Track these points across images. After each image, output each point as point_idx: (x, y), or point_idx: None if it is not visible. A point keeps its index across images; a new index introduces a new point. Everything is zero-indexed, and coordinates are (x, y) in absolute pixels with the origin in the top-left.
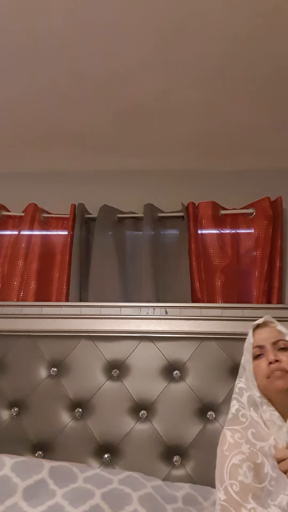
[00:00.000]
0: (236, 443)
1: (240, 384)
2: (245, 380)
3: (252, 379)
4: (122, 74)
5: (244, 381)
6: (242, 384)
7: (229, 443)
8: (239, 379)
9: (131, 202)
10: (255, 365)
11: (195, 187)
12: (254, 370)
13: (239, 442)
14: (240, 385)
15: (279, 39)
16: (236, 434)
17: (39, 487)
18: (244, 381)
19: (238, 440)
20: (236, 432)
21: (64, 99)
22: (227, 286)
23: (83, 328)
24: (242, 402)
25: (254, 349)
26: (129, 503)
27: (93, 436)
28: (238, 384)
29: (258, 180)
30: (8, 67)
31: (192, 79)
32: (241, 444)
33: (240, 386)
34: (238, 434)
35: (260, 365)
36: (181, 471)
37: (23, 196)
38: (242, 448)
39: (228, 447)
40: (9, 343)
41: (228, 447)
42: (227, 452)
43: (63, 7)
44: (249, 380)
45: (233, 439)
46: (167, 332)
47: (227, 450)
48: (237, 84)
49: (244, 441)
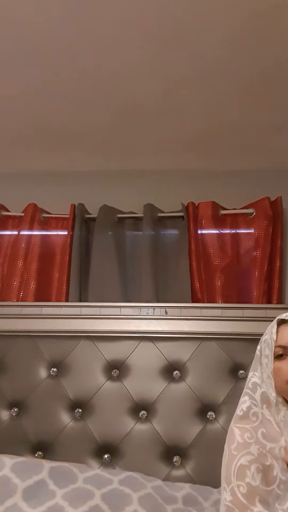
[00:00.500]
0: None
1: (254, 378)
2: (260, 375)
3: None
4: (122, 74)
5: (259, 375)
6: (256, 379)
7: (238, 442)
8: (253, 373)
9: (131, 202)
10: (277, 366)
11: (195, 187)
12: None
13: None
14: (254, 379)
15: (279, 39)
16: (245, 433)
17: (39, 487)
18: (258, 376)
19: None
20: (246, 432)
21: (64, 99)
22: (227, 286)
23: (83, 328)
24: (255, 398)
25: (276, 348)
26: (129, 504)
27: (93, 436)
28: (252, 379)
29: (258, 180)
30: (8, 67)
31: (192, 79)
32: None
33: (254, 381)
34: (248, 434)
35: (282, 368)
36: (181, 471)
37: (23, 196)
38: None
39: (236, 446)
40: (9, 343)
41: (236, 447)
42: (235, 451)
43: (64, 7)
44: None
45: (242, 439)
46: (167, 332)
47: (235, 450)
48: (237, 84)
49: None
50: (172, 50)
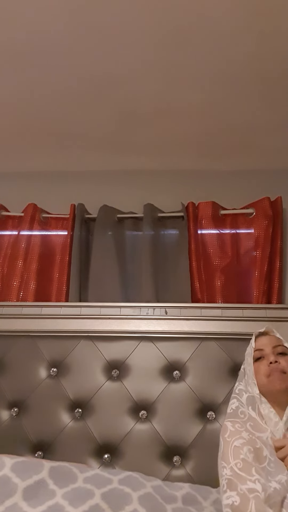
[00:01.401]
0: (236, 431)
1: (240, 386)
2: (244, 384)
3: (253, 377)
4: (123, 75)
5: (244, 384)
6: (242, 386)
7: (230, 431)
8: (239, 382)
9: (131, 202)
10: (256, 366)
11: (195, 187)
12: (255, 372)
13: (239, 430)
14: (240, 387)
15: (279, 39)
16: (236, 424)
17: (39, 487)
18: (243, 384)
19: (238, 428)
20: (236, 423)
21: (65, 99)
22: (227, 286)
23: (83, 328)
24: (242, 401)
25: (255, 352)
26: (129, 503)
27: (93, 436)
28: (238, 387)
29: (258, 180)
30: (8, 68)
31: (192, 80)
32: (241, 431)
33: (240, 388)
34: (238, 425)
35: (260, 367)
36: (181, 471)
37: (23, 196)
38: (242, 434)
39: (229, 434)
40: (9, 343)
41: (229, 434)
42: (228, 438)
43: (65, 9)
44: (250, 379)
45: (233, 428)
46: (167, 332)
47: (228, 437)
48: (237, 85)
49: (243, 429)
50: (172, 51)
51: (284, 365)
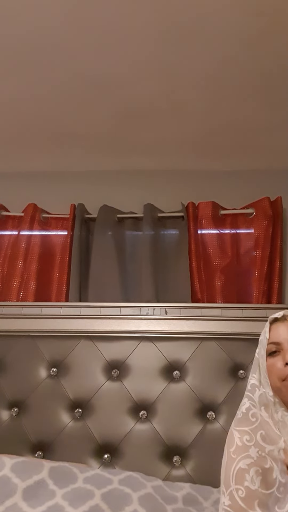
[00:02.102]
0: (244, 446)
1: (253, 380)
2: (258, 376)
3: (266, 376)
4: (123, 74)
5: (257, 377)
6: (254, 380)
7: (237, 445)
8: (252, 375)
9: (131, 202)
10: (270, 363)
11: (195, 187)
12: (268, 369)
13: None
14: (252, 381)
15: (279, 39)
16: (244, 436)
17: (39, 487)
18: (257, 377)
19: (247, 443)
20: (245, 434)
21: (65, 99)
22: (227, 286)
23: (83, 328)
24: (254, 400)
25: (269, 345)
26: (129, 504)
27: (93, 436)
28: (251, 381)
29: (258, 180)
30: (8, 68)
31: (193, 79)
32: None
33: (253, 383)
34: (247, 437)
35: (275, 364)
36: (181, 471)
37: (23, 196)
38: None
39: (235, 449)
40: (9, 343)
41: (235, 450)
42: (234, 455)
43: (64, 9)
44: (263, 377)
45: (241, 442)
46: (167, 332)
47: (234, 453)
48: (237, 85)
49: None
50: (173, 51)
51: None
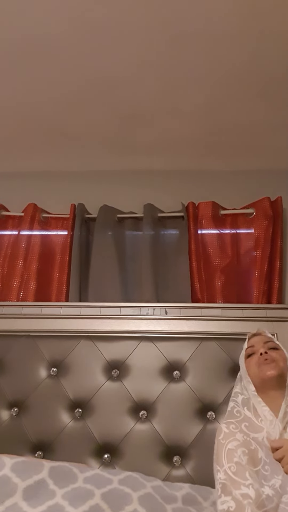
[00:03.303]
0: (230, 432)
1: (236, 389)
2: (240, 387)
3: (246, 376)
4: (123, 74)
5: (240, 387)
6: (238, 389)
7: (224, 432)
8: (235, 386)
9: (131, 202)
10: (248, 362)
11: (195, 187)
12: (247, 367)
13: (234, 431)
14: (236, 390)
15: (280, 39)
16: (230, 425)
17: (39, 487)
18: (239, 387)
19: (233, 429)
20: (231, 424)
21: (65, 99)
22: (227, 286)
23: (83, 328)
24: (237, 402)
25: (247, 350)
26: (129, 503)
27: (93, 436)
28: (235, 389)
29: (258, 180)
30: (9, 68)
31: (193, 80)
32: (235, 433)
33: (236, 391)
34: (233, 426)
35: (251, 360)
36: (181, 471)
37: (23, 196)
38: (236, 436)
39: (223, 436)
40: (9, 343)
41: (223, 436)
42: (223, 440)
43: (65, 10)
44: (244, 379)
45: (228, 429)
46: (167, 332)
47: (222, 439)
48: (238, 85)
49: (238, 430)
50: (173, 51)
51: (274, 355)
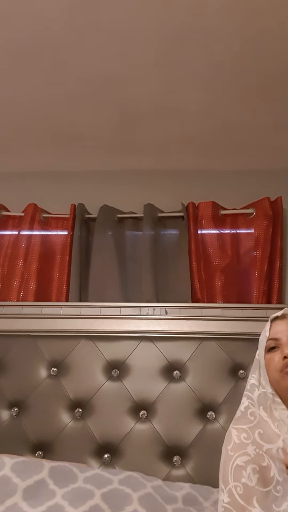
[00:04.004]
0: (241, 444)
1: (252, 380)
2: (257, 376)
3: (265, 374)
4: (123, 75)
5: (257, 377)
6: (254, 380)
7: (234, 442)
8: (252, 375)
9: (131, 202)
10: (268, 358)
11: (195, 187)
12: (266, 364)
13: (245, 443)
14: (252, 381)
15: (280, 39)
16: (242, 434)
17: (39, 487)
18: (256, 377)
19: (244, 440)
20: (243, 432)
21: (65, 99)
22: (227, 286)
23: (83, 328)
24: (253, 399)
25: (268, 341)
26: (129, 503)
27: (93, 436)
28: (250, 381)
29: (258, 180)
30: (8, 68)
31: (193, 80)
32: (246, 445)
33: (252, 383)
34: (245, 434)
35: (273, 358)
36: (181, 471)
37: (23, 196)
38: (247, 449)
39: (233, 446)
40: (9, 343)
41: (233, 447)
42: (231, 452)
43: (65, 10)
44: (262, 375)
45: (238, 439)
46: (167, 332)
47: (231, 450)
48: (238, 85)
49: (250, 441)
50: (173, 51)
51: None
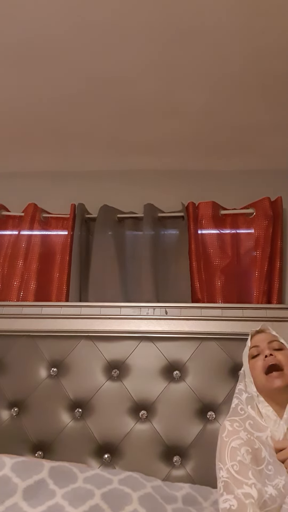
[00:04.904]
0: (234, 430)
1: (240, 386)
2: (244, 384)
3: (249, 376)
4: (123, 75)
5: (243, 384)
6: (241, 386)
7: (228, 430)
8: (239, 383)
9: (131, 202)
10: (252, 364)
11: (195, 187)
12: (251, 369)
13: (237, 430)
14: (239, 387)
15: (281, 39)
16: (234, 423)
17: (39, 487)
18: (243, 384)
19: (237, 428)
20: (235, 422)
21: (65, 99)
22: (227, 286)
23: (83, 328)
24: (241, 400)
25: (251, 349)
26: (129, 503)
27: (93, 436)
28: (238, 386)
29: (258, 180)
30: (9, 68)
31: (193, 80)
32: (239, 431)
33: (240, 388)
34: (236, 424)
35: (256, 363)
36: (181, 471)
37: (23, 196)
38: (240, 435)
39: (227, 434)
40: (9, 343)
41: (227, 434)
42: (226, 438)
43: (65, 10)
44: (247, 382)
45: (231, 427)
46: (167, 332)
47: (226, 437)
48: (238, 85)
49: (242, 429)
50: (173, 51)
51: (280, 358)
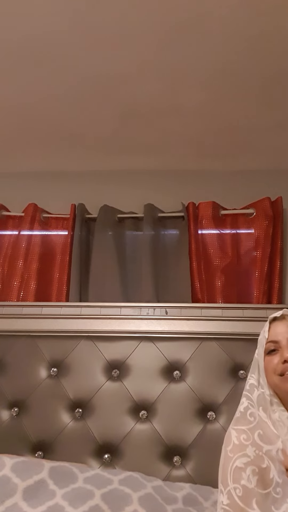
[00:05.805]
0: (241, 445)
1: (252, 380)
2: (256, 377)
3: (263, 376)
4: (123, 75)
5: (256, 377)
6: (253, 380)
7: (234, 444)
8: (251, 375)
9: (131, 202)
10: (267, 360)
11: (195, 187)
12: (265, 366)
13: (244, 444)
14: (251, 381)
15: (280, 39)
16: (242, 435)
17: (39, 487)
18: (255, 377)
19: (244, 441)
20: (242, 433)
21: (65, 99)
22: (227, 286)
23: (83, 328)
24: (252, 400)
25: (267, 343)
26: (129, 504)
27: (93, 436)
28: (249, 381)
29: (258, 180)
30: (9, 68)
31: (193, 80)
32: (246, 446)
33: (251, 383)
34: (244, 435)
35: (272, 361)
36: (181, 471)
37: (23, 196)
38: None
39: (232, 448)
40: (9, 343)
41: (232, 448)
42: (231, 453)
43: (65, 10)
44: (261, 376)
45: (238, 440)
46: (167, 332)
47: (231, 452)
48: (238, 85)
49: (249, 443)
50: (173, 51)
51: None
